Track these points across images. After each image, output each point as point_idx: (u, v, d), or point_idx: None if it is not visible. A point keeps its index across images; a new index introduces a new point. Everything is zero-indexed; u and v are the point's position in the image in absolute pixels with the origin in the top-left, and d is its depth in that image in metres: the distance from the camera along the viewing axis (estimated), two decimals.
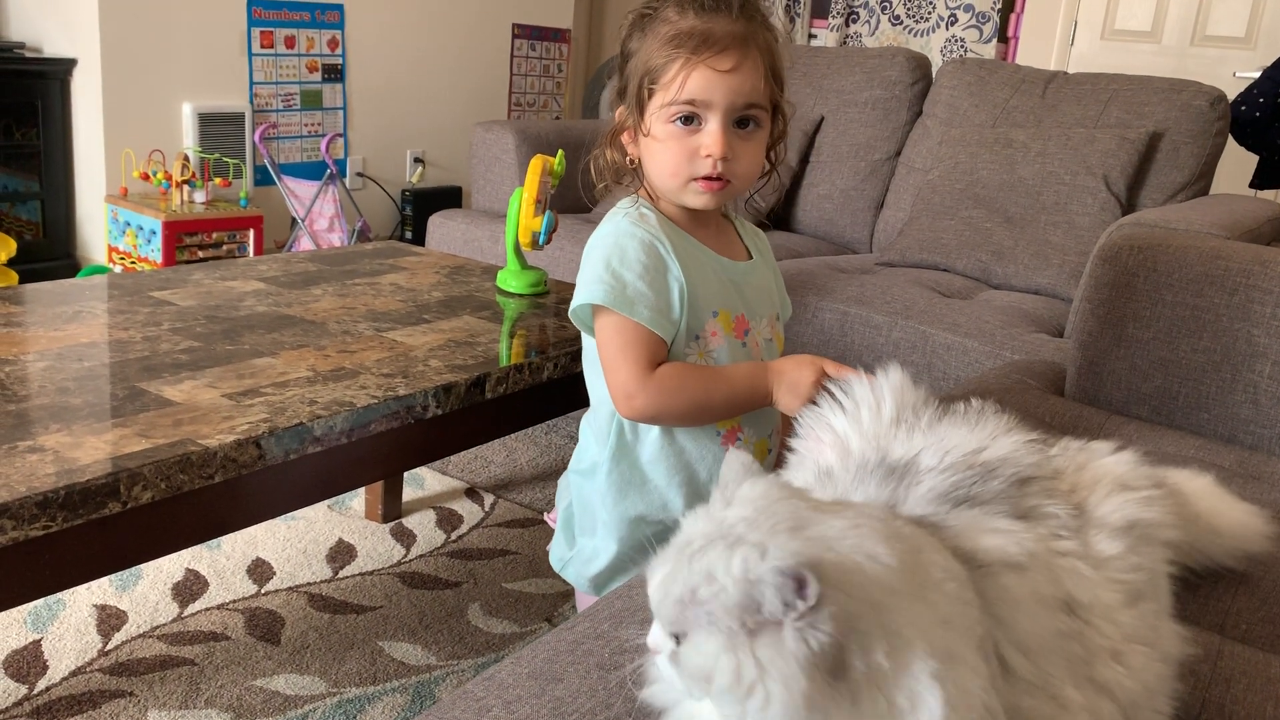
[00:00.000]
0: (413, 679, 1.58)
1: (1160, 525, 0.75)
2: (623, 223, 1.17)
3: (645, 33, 1.15)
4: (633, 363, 1.14)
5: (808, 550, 0.57)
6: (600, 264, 1.15)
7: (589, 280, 1.15)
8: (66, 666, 1.54)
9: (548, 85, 4.87)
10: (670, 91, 1.12)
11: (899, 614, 0.56)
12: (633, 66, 1.17)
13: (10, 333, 1.37)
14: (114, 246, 3.37)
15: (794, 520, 0.60)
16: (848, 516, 0.61)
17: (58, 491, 0.96)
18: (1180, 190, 2.54)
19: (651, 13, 1.16)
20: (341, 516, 2.05)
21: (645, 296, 1.13)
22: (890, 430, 0.77)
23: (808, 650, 0.55)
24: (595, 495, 1.25)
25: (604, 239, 1.17)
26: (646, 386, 1.14)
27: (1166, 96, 2.58)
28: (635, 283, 1.13)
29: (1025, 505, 0.70)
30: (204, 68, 3.52)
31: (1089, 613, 0.67)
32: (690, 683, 0.60)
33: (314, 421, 1.17)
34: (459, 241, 2.73)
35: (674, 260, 1.16)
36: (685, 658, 0.59)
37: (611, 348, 1.15)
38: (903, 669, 0.56)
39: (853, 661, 0.55)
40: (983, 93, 2.81)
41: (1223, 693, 0.87)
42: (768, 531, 0.59)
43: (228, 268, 1.80)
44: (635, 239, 1.15)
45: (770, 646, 0.55)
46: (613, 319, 1.14)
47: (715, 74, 1.10)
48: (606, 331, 1.15)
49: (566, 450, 2.48)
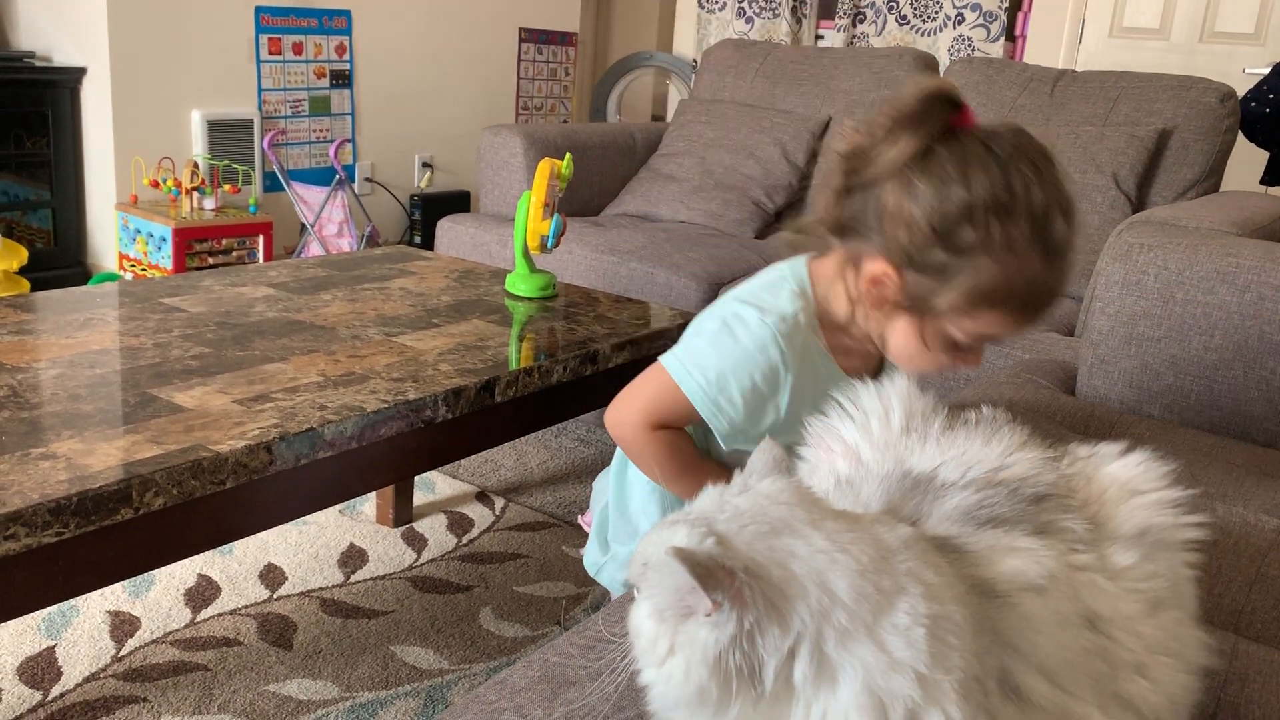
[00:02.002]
0: (425, 683, 1.58)
1: (1176, 526, 0.74)
2: (766, 332, 1.08)
3: (990, 235, 0.93)
4: (655, 415, 1.13)
5: (751, 556, 0.60)
6: (713, 360, 1.10)
7: (694, 366, 1.11)
8: (80, 673, 1.55)
9: (555, 89, 4.87)
10: (973, 325, 0.99)
11: (835, 644, 0.58)
12: (959, 255, 0.94)
13: (22, 340, 1.37)
14: (124, 254, 3.38)
15: (776, 526, 0.62)
16: (839, 540, 0.61)
17: (70, 498, 0.96)
18: (1190, 188, 2.53)
19: (1007, 216, 0.92)
20: (353, 521, 2.05)
21: (735, 411, 1.10)
22: (901, 439, 0.77)
23: (714, 646, 0.58)
24: (638, 506, 1.25)
25: (737, 336, 1.09)
26: (642, 434, 1.15)
27: (1176, 93, 2.57)
28: (735, 397, 1.09)
29: (1042, 521, 0.70)
30: (212, 75, 3.53)
31: (1110, 626, 0.66)
32: (632, 637, 0.65)
33: (324, 426, 1.17)
34: (468, 246, 2.74)
35: (794, 391, 1.10)
36: (631, 614, 0.65)
37: (657, 396, 1.13)
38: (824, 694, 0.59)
39: (766, 674, 0.58)
40: (990, 92, 2.81)
41: (1238, 691, 0.86)
42: (738, 528, 0.62)
43: (238, 274, 1.81)
44: (765, 358, 1.08)
45: (687, 632, 0.60)
46: (680, 387, 1.11)
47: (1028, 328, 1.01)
48: (667, 387, 1.12)
49: (577, 453, 2.48)
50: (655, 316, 1.75)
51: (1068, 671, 0.64)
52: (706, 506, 0.65)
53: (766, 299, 1.11)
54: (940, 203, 0.93)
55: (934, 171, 0.94)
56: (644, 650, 0.63)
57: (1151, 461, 0.77)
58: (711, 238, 2.68)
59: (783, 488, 0.65)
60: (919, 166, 0.94)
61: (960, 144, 0.94)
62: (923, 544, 0.65)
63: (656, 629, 0.62)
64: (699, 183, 2.94)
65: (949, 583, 0.62)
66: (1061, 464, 0.77)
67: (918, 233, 0.94)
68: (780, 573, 0.59)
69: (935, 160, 0.94)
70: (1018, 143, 0.95)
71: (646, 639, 0.62)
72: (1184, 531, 0.74)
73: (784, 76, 3.13)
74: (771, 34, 4.62)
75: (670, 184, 2.96)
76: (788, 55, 3.18)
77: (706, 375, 1.10)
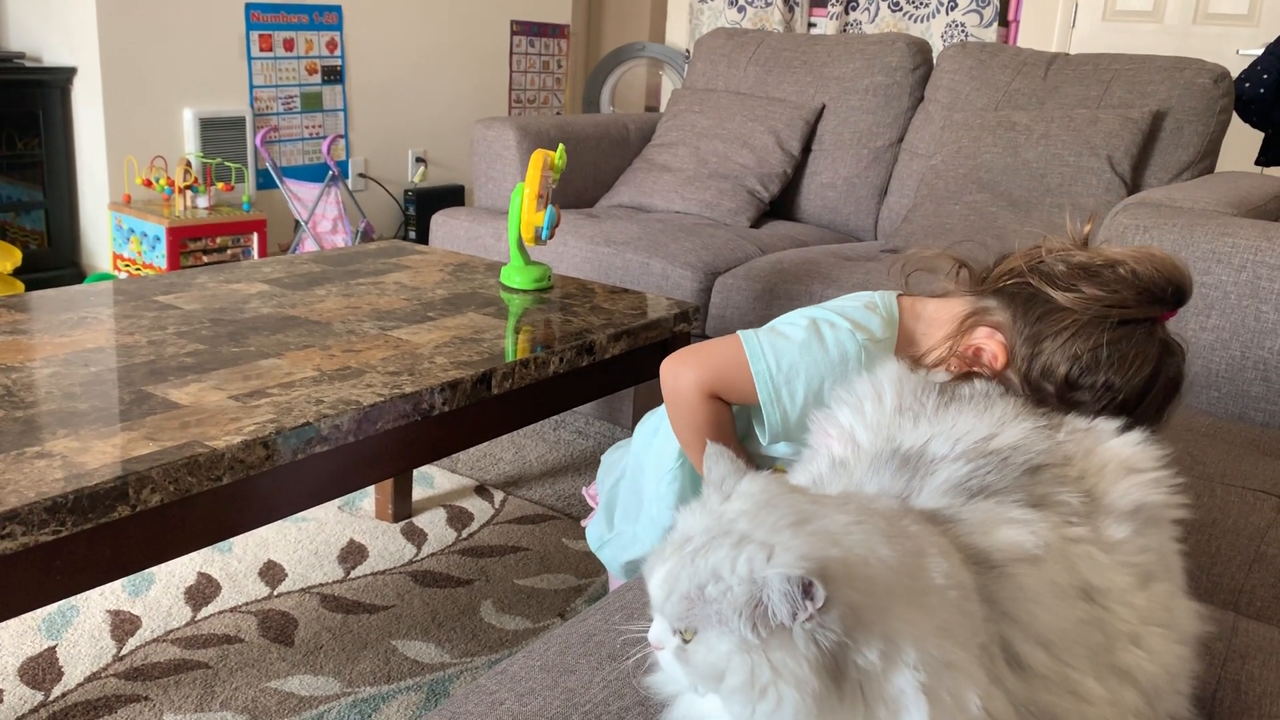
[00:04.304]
0: (427, 677, 1.58)
1: (1167, 505, 0.75)
2: (853, 346, 1.09)
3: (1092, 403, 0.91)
4: (716, 381, 1.12)
5: (814, 548, 0.57)
6: (793, 353, 1.10)
7: (771, 348, 1.11)
8: (81, 672, 1.54)
9: (548, 81, 4.86)
10: None
11: (895, 617, 0.56)
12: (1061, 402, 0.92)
13: (16, 340, 1.37)
14: (118, 254, 3.38)
15: (797, 515, 0.60)
16: (850, 512, 0.60)
17: (66, 496, 0.96)
18: (1185, 169, 2.52)
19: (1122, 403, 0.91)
20: (352, 517, 2.05)
21: (794, 408, 1.10)
22: (895, 419, 0.77)
23: (817, 651, 0.55)
24: (650, 489, 1.25)
25: (826, 340, 1.10)
26: (694, 393, 1.13)
27: (1169, 75, 2.56)
28: (798, 393, 1.09)
29: (1038, 493, 0.70)
30: (204, 73, 3.52)
31: (1105, 597, 0.67)
32: (699, 679, 0.59)
33: (321, 421, 1.16)
34: (462, 239, 2.73)
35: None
36: (695, 655, 0.58)
37: (726, 363, 1.12)
38: (889, 674, 0.56)
39: (852, 660, 0.55)
40: (984, 76, 2.80)
41: (1238, 669, 0.86)
42: (771, 528, 0.59)
43: (232, 270, 1.80)
44: (843, 369, 1.08)
45: (783, 649, 0.55)
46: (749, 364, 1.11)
47: None
48: (740, 359, 1.11)
49: (575, 445, 2.48)
50: (651, 307, 1.75)
51: (1065, 642, 0.64)
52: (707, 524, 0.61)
53: (860, 318, 1.11)
54: (1090, 371, 0.91)
55: (1113, 348, 0.91)
56: (740, 687, 0.56)
57: (1149, 441, 0.78)
58: (707, 227, 2.67)
59: (766, 483, 0.64)
60: (1110, 333, 0.92)
61: (1147, 334, 0.94)
62: (913, 513, 0.65)
63: (750, 661, 0.56)
64: (693, 172, 2.93)
65: (945, 548, 0.62)
66: (1058, 434, 0.77)
67: (1052, 368, 0.92)
68: (840, 553, 0.57)
69: (1123, 339, 0.92)
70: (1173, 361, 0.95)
71: (741, 675, 0.56)
72: (1175, 511, 0.75)
73: (777, 64, 3.12)
74: (764, 23, 4.61)
75: (664, 174, 2.96)
76: (780, 43, 3.17)
77: (779, 363, 1.09)
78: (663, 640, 0.61)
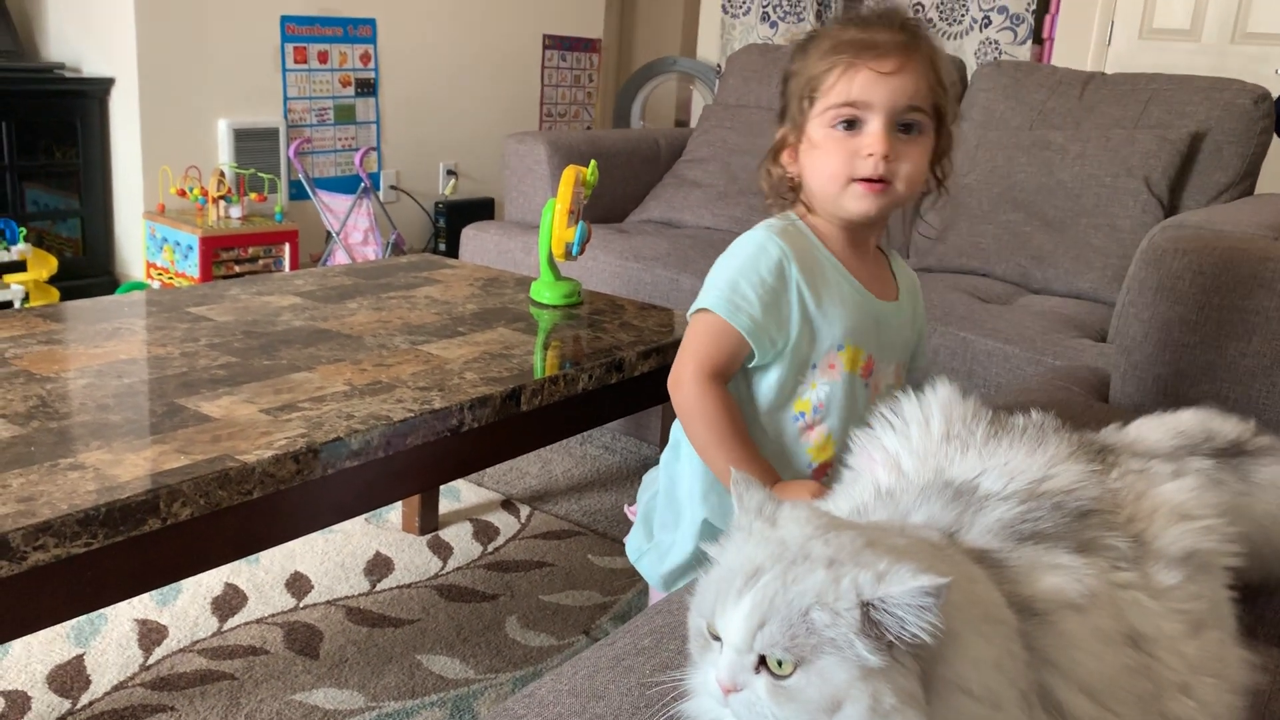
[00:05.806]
0: (451, 692, 1.58)
1: (1220, 553, 0.73)
2: (761, 233, 1.19)
3: (806, 52, 1.18)
4: (704, 359, 1.17)
5: (917, 565, 0.55)
6: (723, 273, 1.18)
7: (708, 287, 1.19)
8: (109, 681, 1.55)
9: (579, 95, 4.87)
10: (831, 96, 1.13)
11: (963, 642, 0.55)
12: (793, 86, 1.19)
13: (51, 350, 1.38)
14: (152, 262, 3.41)
15: (867, 537, 0.58)
16: (904, 536, 0.59)
17: (99, 509, 0.96)
18: (1224, 191, 2.49)
19: (812, 36, 1.19)
20: (379, 529, 2.05)
21: (752, 307, 1.15)
22: (942, 447, 0.75)
23: (918, 669, 0.54)
24: (685, 491, 1.25)
25: (738, 248, 1.20)
26: (695, 388, 1.16)
27: (1208, 95, 2.53)
28: (748, 293, 1.15)
29: (1085, 537, 0.68)
30: (239, 84, 3.55)
31: (1154, 645, 0.65)
32: (803, 715, 0.56)
33: (351, 436, 1.16)
34: (492, 253, 2.73)
35: (805, 286, 1.17)
36: (803, 690, 0.55)
37: (696, 339, 1.18)
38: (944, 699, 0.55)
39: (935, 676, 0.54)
40: (1019, 95, 2.78)
41: None
42: (854, 550, 0.57)
43: (264, 282, 1.81)
44: (765, 256, 1.17)
45: (902, 673, 0.53)
46: (711, 317, 1.17)
47: (876, 75, 1.11)
48: (701, 324, 1.18)
49: (602, 461, 2.47)
50: (680, 324, 1.74)
51: (1110, 690, 0.62)
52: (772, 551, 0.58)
53: (759, 228, 1.23)
54: (784, 71, 1.23)
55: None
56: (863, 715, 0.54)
57: (1205, 488, 0.76)
58: None
59: (809, 510, 0.63)
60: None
61: None
62: (960, 547, 0.64)
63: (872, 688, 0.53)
64: (724, 189, 2.92)
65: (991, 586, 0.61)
66: (1109, 477, 0.76)
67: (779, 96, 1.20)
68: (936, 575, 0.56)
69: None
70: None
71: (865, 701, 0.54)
72: (1227, 559, 0.73)
73: None
74: (796, 38, 4.61)
75: (695, 190, 2.95)
76: None
77: (720, 286, 1.17)
78: (741, 680, 0.56)
